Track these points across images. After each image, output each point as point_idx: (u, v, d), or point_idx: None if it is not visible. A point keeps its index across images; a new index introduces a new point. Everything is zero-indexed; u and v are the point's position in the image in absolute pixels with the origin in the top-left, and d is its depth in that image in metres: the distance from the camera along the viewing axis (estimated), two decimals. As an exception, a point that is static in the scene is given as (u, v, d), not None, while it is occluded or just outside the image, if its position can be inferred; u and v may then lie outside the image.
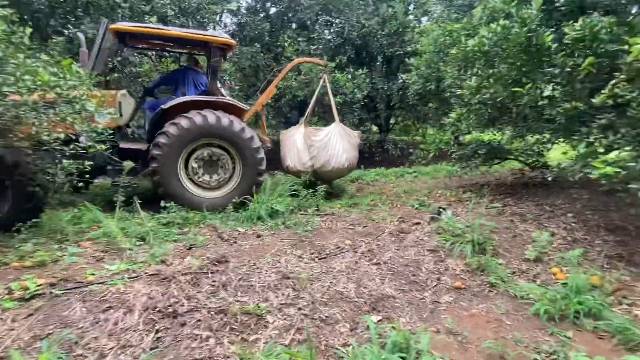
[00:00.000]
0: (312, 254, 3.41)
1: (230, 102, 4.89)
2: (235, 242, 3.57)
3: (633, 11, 3.78)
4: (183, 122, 4.34)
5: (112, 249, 3.25)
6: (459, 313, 2.60)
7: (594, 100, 2.76)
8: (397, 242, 3.71)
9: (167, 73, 5.85)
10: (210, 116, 4.43)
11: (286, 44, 8.54)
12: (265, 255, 3.25)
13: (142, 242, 3.44)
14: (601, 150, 3.03)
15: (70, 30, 6.87)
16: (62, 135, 3.28)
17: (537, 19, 3.28)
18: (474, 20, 3.88)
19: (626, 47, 2.62)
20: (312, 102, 5.98)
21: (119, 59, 5.87)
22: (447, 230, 3.75)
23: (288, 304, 2.53)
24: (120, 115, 4.54)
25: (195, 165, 4.62)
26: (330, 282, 2.87)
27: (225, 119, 4.51)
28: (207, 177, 4.68)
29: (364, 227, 4.22)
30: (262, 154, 4.78)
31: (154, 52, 7.01)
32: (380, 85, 9.22)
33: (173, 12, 7.51)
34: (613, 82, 2.68)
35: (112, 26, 4.36)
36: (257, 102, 5.48)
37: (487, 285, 2.92)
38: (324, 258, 3.33)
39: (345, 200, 5.46)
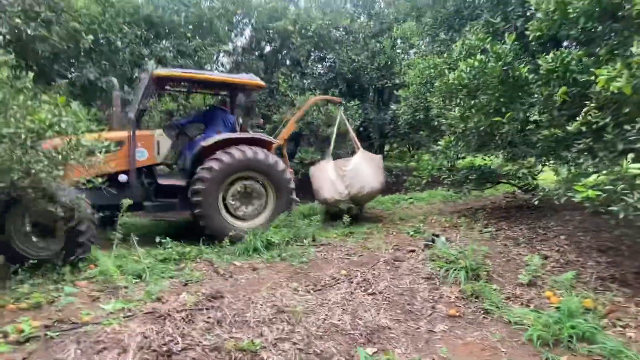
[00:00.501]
0: (308, 286, 3.42)
1: (263, 137, 5.28)
2: (231, 277, 3.58)
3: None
4: (224, 157, 4.62)
5: (109, 287, 3.26)
6: (454, 342, 2.59)
7: (569, 128, 2.91)
8: (392, 271, 3.73)
9: (198, 112, 6.13)
10: (248, 151, 4.75)
11: (280, 80, 8.89)
12: (261, 289, 3.26)
13: (138, 280, 3.45)
14: (590, 170, 3.14)
15: (73, 73, 7.20)
16: (61, 172, 3.34)
17: (511, 53, 3.50)
18: (454, 55, 4.13)
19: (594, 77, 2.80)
20: (333, 136, 6.40)
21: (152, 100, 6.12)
22: (441, 257, 3.78)
23: (283, 339, 2.53)
24: (158, 153, 4.78)
25: (233, 198, 4.90)
26: (326, 315, 2.87)
27: (261, 153, 4.84)
28: (244, 209, 4.97)
29: (360, 256, 4.24)
30: (293, 185, 5.15)
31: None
32: (372, 115, 9.52)
33: (171, 54, 7.90)
34: (585, 110, 2.84)
35: (156, 72, 4.61)
36: (279, 136, 5.89)
37: (482, 312, 2.93)
38: (320, 290, 3.34)
39: (341, 229, 5.49)
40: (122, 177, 4.41)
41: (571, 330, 2.51)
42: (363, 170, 5.64)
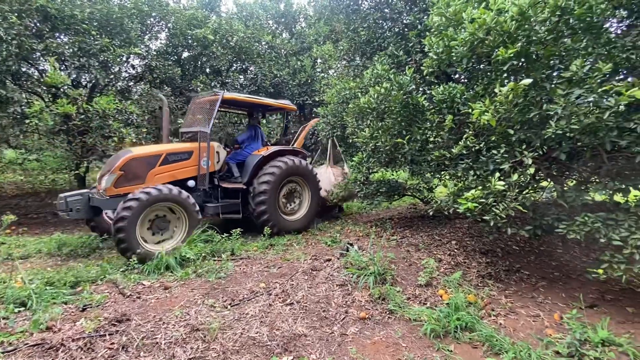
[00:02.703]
0: (225, 301, 3.36)
1: (301, 150, 6.55)
2: (138, 298, 3.33)
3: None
4: (282, 164, 5.73)
5: (-20, 321, 2.76)
6: (363, 342, 2.83)
7: (453, 150, 3.46)
8: (310, 280, 3.89)
9: (248, 128, 6.97)
10: (296, 160, 5.95)
11: (199, 89, 8.60)
12: (174, 308, 3.11)
13: (22, 308, 2.99)
14: (471, 185, 3.74)
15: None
16: None
17: (410, 84, 4.02)
18: (365, 81, 4.57)
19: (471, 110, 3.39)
20: (329, 150, 7.50)
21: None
22: (354, 264, 4.07)
23: (197, 358, 2.46)
24: (218, 162, 5.79)
25: (283, 197, 6.03)
26: (243, 329, 2.87)
27: (303, 160, 6.13)
28: (289, 205, 6.13)
29: (279, 268, 4.31)
30: (320, 186, 6.40)
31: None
32: (294, 129, 9.78)
33: (72, 51, 7.06)
34: (465, 136, 3.41)
35: (226, 95, 5.47)
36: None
37: (387, 313, 3.25)
38: (238, 304, 3.32)
39: (262, 242, 5.51)
40: (191, 183, 5.22)
41: (457, 322, 2.96)
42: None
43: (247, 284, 3.81)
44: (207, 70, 10.12)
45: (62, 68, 7.97)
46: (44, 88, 7.43)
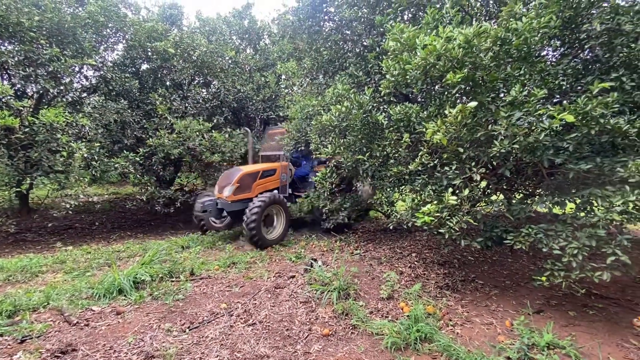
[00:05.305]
0: (183, 324, 3.22)
1: None
2: (87, 325, 3.09)
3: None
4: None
5: None
6: (327, 359, 2.82)
7: (410, 167, 3.63)
8: (273, 299, 3.83)
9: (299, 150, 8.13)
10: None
11: (158, 102, 8.34)
12: (127, 335, 2.93)
13: (-54, 345, 2.67)
14: (428, 200, 3.91)
15: None
16: None
17: (370, 103, 4.19)
18: (327, 99, 4.69)
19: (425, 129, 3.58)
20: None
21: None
22: (318, 280, 4.08)
23: (151, 387, 2.33)
24: (290, 176, 7.39)
25: None
26: (202, 353, 2.77)
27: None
28: None
29: (241, 287, 4.21)
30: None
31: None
32: (259, 144, 9.72)
33: (17, 60, 6.59)
34: (420, 153, 3.60)
35: None
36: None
37: (350, 328, 3.27)
38: (196, 327, 3.19)
39: (224, 260, 5.35)
40: (275, 192, 6.72)
41: (417, 334, 3.04)
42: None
43: (207, 305, 3.68)
44: (167, 83, 9.85)
45: (4, 77, 7.41)
46: (-17, 98, 6.84)
